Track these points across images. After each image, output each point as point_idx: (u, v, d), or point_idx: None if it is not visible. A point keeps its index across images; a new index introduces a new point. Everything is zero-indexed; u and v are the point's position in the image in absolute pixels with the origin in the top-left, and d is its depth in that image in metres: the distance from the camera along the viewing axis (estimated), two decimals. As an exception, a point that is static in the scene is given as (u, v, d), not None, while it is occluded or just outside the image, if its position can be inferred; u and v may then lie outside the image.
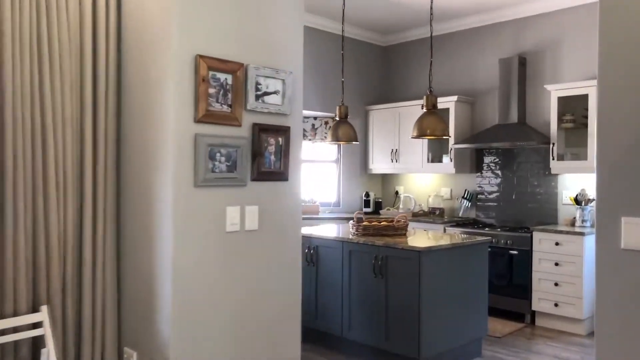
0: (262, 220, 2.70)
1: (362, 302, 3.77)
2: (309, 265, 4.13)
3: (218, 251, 2.53)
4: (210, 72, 2.49)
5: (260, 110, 2.68)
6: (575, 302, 4.50)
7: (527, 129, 5.19)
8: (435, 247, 3.49)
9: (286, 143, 2.81)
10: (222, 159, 2.54)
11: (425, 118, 3.74)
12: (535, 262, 4.75)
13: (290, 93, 2.81)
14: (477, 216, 5.78)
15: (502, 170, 5.59)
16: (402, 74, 6.55)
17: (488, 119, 5.68)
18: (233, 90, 2.58)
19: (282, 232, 2.80)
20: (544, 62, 5.27)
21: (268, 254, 2.73)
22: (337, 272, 3.94)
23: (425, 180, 6.29)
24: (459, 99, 5.65)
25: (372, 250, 3.70)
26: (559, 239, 4.60)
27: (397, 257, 3.55)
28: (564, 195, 5.10)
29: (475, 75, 5.83)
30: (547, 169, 5.12)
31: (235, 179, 2.59)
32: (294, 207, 2.87)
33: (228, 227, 2.57)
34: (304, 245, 4.13)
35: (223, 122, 2.54)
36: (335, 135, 4.38)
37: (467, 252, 3.77)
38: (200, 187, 2.46)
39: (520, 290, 4.83)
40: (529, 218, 5.35)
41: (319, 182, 6.56)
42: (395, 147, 6.18)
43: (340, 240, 3.91)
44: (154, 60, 2.49)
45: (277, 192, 2.78)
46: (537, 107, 5.32)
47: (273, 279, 2.75)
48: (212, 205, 2.51)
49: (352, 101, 6.38)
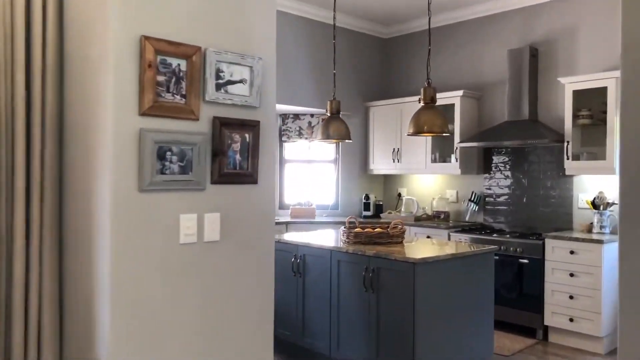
0: (225, 229, 2.32)
1: (351, 319, 3.38)
2: (295, 275, 3.74)
3: (169, 268, 2.15)
4: (159, 56, 2.11)
5: (222, 102, 2.30)
6: (593, 317, 4.06)
7: (539, 126, 4.76)
8: (431, 258, 3.08)
9: (255, 140, 2.42)
10: (174, 159, 2.17)
11: (423, 113, 3.34)
12: (547, 272, 4.31)
13: (260, 82, 2.42)
14: (484, 221, 5.36)
15: (512, 171, 5.16)
16: (404, 67, 6.14)
17: (496, 116, 5.25)
18: (188, 78, 2.20)
19: (251, 243, 2.42)
20: (557, 53, 4.84)
21: (232, 270, 2.35)
22: (324, 285, 3.56)
23: (429, 182, 5.88)
24: (464, 93, 5.23)
25: (362, 261, 3.31)
26: (575, 246, 4.16)
27: (389, 269, 3.16)
28: (580, 198, 4.66)
29: (483, 68, 5.41)
30: (561, 169, 4.68)
31: (190, 181, 2.21)
32: (266, 213, 2.49)
33: (182, 238, 2.19)
34: (290, 254, 3.75)
35: (175, 116, 2.17)
36: (326, 133, 3.99)
37: (470, 263, 3.36)
38: (147, 192, 2.09)
39: (532, 303, 4.40)
40: (541, 223, 4.92)
41: (316, 183, 6.17)
42: (397, 146, 5.77)
43: (329, 249, 3.52)
44: (93, 43, 2.13)
45: (243, 196, 2.39)
46: (550, 102, 4.88)
47: (239, 300, 2.37)
48: (162, 213, 2.13)
49: (350, 97, 5.99)
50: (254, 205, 2.44)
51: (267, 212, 2.49)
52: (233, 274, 2.35)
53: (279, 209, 6.00)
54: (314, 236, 4.00)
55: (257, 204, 2.45)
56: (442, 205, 5.58)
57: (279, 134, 6.04)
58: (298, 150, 6.16)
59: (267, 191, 2.50)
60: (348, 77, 5.97)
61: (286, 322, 3.83)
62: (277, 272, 3.92)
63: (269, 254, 2.49)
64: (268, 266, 2.49)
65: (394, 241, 3.58)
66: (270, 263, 2.50)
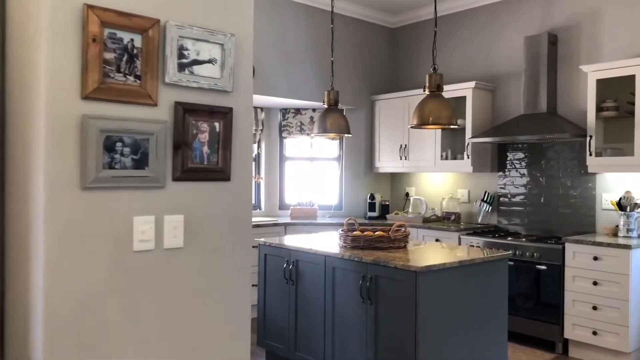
0: (190, 234, 1.99)
1: (347, 333, 3.02)
2: (288, 283, 3.40)
3: (119, 280, 1.82)
4: (107, 29, 1.78)
5: (186, 85, 1.96)
6: (619, 330, 3.65)
7: (559, 120, 4.36)
8: (436, 266, 2.72)
9: (226, 130, 2.08)
10: (125, 151, 1.84)
11: (428, 103, 2.98)
12: (568, 280, 3.91)
13: (233, 63, 2.08)
14: (498, 223, 4.96)
15: (529, 168, 4.77)
16: (413, 58, 5.76)
17: (512, 109, 4.86)
18: (143, 56, 1.86)
19: (222, 251, 2.08)
20: (579, 39, 4.43)
21: (200, 282, 2.01)
22: (319, 294, 3.21)
23: (438, 181, 5.50)
24: (477, 85, 4.84)
25: (358, 269, 2.95)
26: (599, 252, 3.76)
27: (389, 278, 2.80)
28: (604, 198, 4.25)
29: (497, 57, 5.02)
30: (583, 166, 4.28)
31: (146, 178, 1.88)
32: (241, 215, 2.15)
33: (136, 245, 1.86)
34: (282, 259, 3.41)
35: (128, 100, 1.83)
36: (323, 126, 3.65)
37: (480, 271, 2.99)
38: (91, 190, 1.76)
39: (550, 313, 4.00)
40: (560, 226, 4.51)
41: (319, 182, 5.83)
42: (404, 143, 5.40)
43: (322, 255, 3.17)
44: (31, 17, 1.80)
45: (213, 195, 2.06)
46: (570, 93, 4.47)
47: (207, 318, 2.03)
48: (111, 215, 1.80)
49: (355, 90, 5.64)
50: (226, 205, 2.10)
51: (242, 213, 2.15)
52: (200, 287, 2.01)
53: (279, 209, 5.67)
54: (309, 240, 3.65)
55: (229, 204, 2.11)
56: (452, 206, 5.19)
57: (279, 129, 5.70)
58: (299, 147, 5.82)
59: (242, 189, 2.16)
60: (353, 69, 5.61)
61: (278, 334, 3.49)
62: (269, 279, 3.59)
63: (244, 262, 2.15)
64: (243, 277, 2.14)
65: (396, 246, 3.23)
66: (245, 274, 2.15)
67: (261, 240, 3.59)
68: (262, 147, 5.64)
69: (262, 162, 5.65)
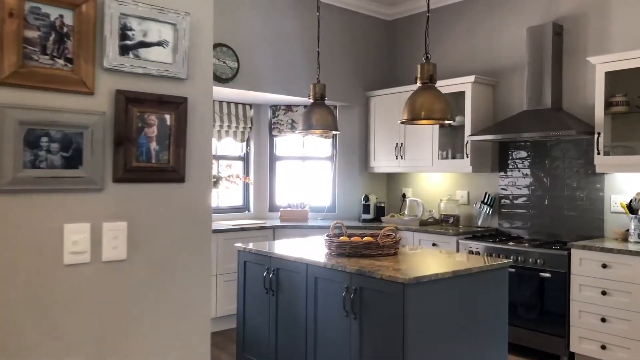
0: (135, 245, 1.71)
1: (331, 348, 2.74)
2: (268, 293, 3.12)
3: (42, 298, 1.54)
4: (28, 2, 1.51)
5: (130, 71, 1.68)
6: (630, 345, 3.36)
7: (564, 116, 4.07)
8: (426, 277, 2.43)
9: (179, 123, 1.80)
10: (53, 147, 1.56)
11: (420, 95, 2.71)
12: (574, 290, 3.62)
13: (188, 46, 1.81)
14: (499, 226, 4.67)
15: (532, 168, 4.47)
16: (410, 53, 5.47)
17: (514, 104, 4.57)
18: (76, 35, 1.59)
19: (175, 263, 1.80)
20: (586, 29, 4.13)
21: (146, 300, 1.73)
22: (300, 306, 2.93)
23: (436, 181, 5.21)
24: (476, 79, 4.55)
25: (342, 279, 2.67)
26: (608, 259, 3.47)
27: (374, 290, 2.52)
28: (613, 200, 3.96)
29: (498, 50, 4.72)
30: (591, 166, 3.99)
31: (80, 179, 1.60)
32: (198, 221, 1.87)
33: (67, 257, 1.58)
34: (262, 267, 3.14)
35: (56, 87, 1.56)
36: (308, 123, 3.37)
37: (477, 282, 2.71)
38: (8, 193, 1.49)
39: (555, 325, 3.71)
40: (566, 230, 4.22)
41: (311, 183, 5.55)
42: (401, 141, 5.11)
43: (304, 263, 2.89)
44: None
45: (163, 199, 1.78)
46: (577, 87, 4.18)
47: (156, 345, 1.75)
48: (34, 223, 1.53)
49: (349, 86, 5.36)
50: (180, 210, 1.82)
51: (199, 219, 1.87)
52: (148, 307, 1.73)
53: (269, 211, 5.39)
54: (293, 246, 3.37)
55: (184, 208, 1.83)
56: (450, 208, 4.90)
57: (269, 127, 5.42)
58: (291, 146, 5.53)
59: (200, 192, 1.88)
60: (347, 63, 5.33)
61: (258, 347, 3.21)
62: (249, 288, 3.31)
63: (202, 276, 1.87)
64: (201, 294, 1.86)
65: (385, 253, 2.94)
66: (205, 291, 1.87)
67: (239, 246, 3.32)
68: (251, 146, 5.37)
69: (252, 161, 5.37)
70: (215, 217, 4.98)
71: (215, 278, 4.38)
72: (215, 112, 5.02)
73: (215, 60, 4.32)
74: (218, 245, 4.37)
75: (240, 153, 5.34)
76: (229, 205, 5.21)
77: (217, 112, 5.02)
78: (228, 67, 4.38)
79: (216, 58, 4.31)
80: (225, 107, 5.09)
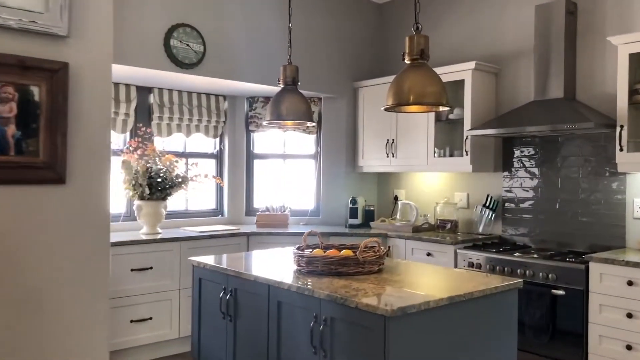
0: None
1: (296, 393, 2.19)
2: (224, 319, 2.57)
3: None
4: None
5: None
6: (662, 378, 2.82)
7: (579, 106, 3.53)
8: (415, 307, 1.88)
9: (55, 99, 1.26)
10: None
11: (407, 75, 2.18)
12: (593, 310, 3.08)
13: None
14: (503, 233, 4.13)
15: (541, 167, 3.93)
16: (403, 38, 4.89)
17: (520, 94, 4.03)
18: None
19: (49, 293, 1.25)
20: (604, 6, 3.59)
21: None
22: (261, 336, 2.38)
23: (432, 182, 4.66)
24: (477, 66, 4.01)
25: (310, 305, 2.12)
26: (635, 275, 2.92)
27: (349, 322, 1.97)
28: (636, 204, 3.41)
29: (502, 33, 4.18)
30: (611, 165, 3.45)
31: None
32: (88, 238, 1.32)
33: None
34: (219, 286, 2.59)
35: None
36: (276, 112, 2.82)
37: (480, 308, 2.16)
38: None
39: (570, 351, 3.16)
40: (580, 239, 3.67)
41: (293, 183, 5.01)
42: (392, 137, 4.57)
43: (265, 283, 2.34)
44: None
45: (31, 208, 1.23)
46: (594, 73, 3.64)
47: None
48: None
49: (335, 75, 4.82)
50: (58, 223, 1.27)
51: (90, 234, 1.33)
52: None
53: (246, 215, 4.84)
54: (258, 260, 2.82)
55: (64, 220, 1.28)
56: (448, 213, 4.35)
57: (246, 121, 4.87)
58: (270, 143, 4.99)
59: (91, 197, 1.33)
60: (331, 50, 4.78)
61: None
62: (204, 310, 2.76)
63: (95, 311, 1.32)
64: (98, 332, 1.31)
65: (367, 270, 2.39)
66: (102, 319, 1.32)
67: (193, 260, 2.76)
68: (225, 142, 4.81)
69: (225, 160, 4.81)
70: (183, 223, 4.43)
71: (178, 293, 3.83)
72: (183, 104, 4.47)
73: (177, 42, 3.77)
74: (181, 255, 3.82)
75: (213, 150, 4.79)
76: (199, 209, 4.66)
77: (185, 104, 4.47)
78: (192, 51, 3.83)
79: (178, 40, 3.76)
80: (195, 98, 4.54)
